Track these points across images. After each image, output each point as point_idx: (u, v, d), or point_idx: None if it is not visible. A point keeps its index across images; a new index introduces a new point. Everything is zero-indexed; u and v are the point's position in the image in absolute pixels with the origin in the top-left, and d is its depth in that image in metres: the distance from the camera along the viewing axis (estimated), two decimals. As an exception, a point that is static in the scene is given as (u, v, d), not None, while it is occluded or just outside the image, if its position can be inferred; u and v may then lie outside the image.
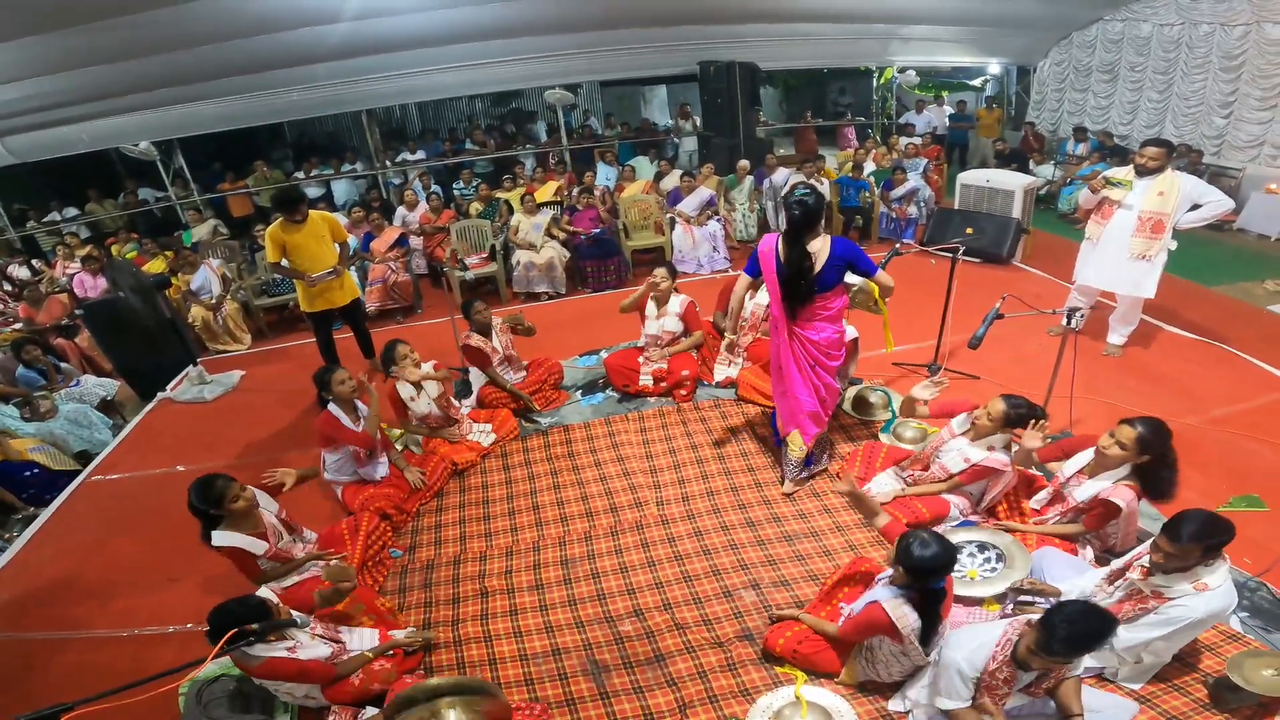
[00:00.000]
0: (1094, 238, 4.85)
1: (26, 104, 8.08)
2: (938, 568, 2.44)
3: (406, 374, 4.25)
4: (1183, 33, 8.93)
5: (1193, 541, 2.37)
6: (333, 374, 3.88)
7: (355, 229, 7.79)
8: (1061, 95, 11.14)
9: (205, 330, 6.90)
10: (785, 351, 3.69)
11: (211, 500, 3.02)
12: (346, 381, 3.89)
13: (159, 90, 8.62)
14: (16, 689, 3.14)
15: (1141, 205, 4.57)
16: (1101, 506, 3.03)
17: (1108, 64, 10.16)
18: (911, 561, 2.43)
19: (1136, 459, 2.95)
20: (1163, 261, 4.68)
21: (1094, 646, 2.16)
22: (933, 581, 2.48)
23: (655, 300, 4.90)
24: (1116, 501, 2.95)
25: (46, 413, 5.45)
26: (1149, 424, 2.94)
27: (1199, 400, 4.49)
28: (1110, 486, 2.99)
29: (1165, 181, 4.51)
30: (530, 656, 3.05)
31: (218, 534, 3.06)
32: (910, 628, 2.48)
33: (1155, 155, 4.52)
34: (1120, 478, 2.99)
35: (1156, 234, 4.57)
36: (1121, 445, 2.95)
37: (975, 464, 3.37)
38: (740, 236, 8.42)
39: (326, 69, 9.03)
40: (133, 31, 7.00)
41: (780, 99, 16.31)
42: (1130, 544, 3.10)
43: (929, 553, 2.41)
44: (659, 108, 15.47)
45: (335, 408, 3.89)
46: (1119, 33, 9.85)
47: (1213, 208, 4.55)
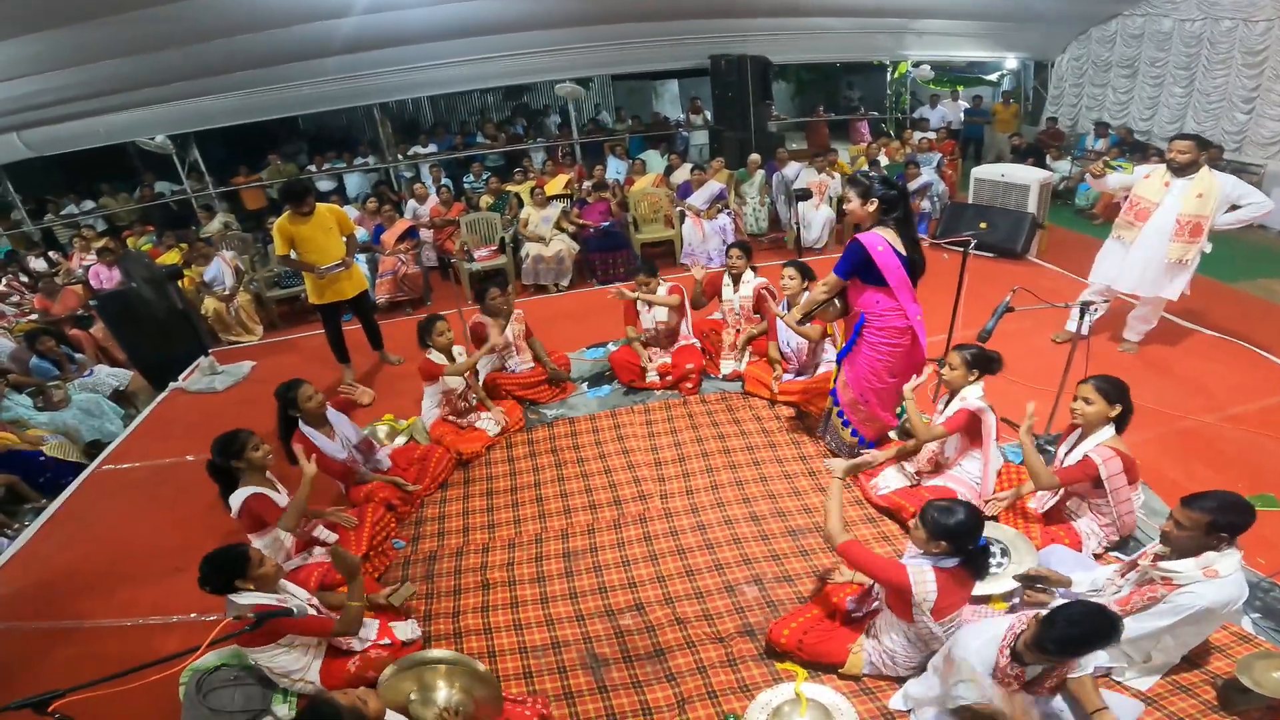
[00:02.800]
0: (1126, 239, 4.66)
1: (43, 98, 8.16)
2: (971, 527, 2.45)
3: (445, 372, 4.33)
4: (1204, 28, 8.76)
5: (1204, 512, 2.37)
6: (298, 390, 3.56)
7: (367, 221, 7.83)
8: (1080, 90, 10.98)
9: (218, 321, 6.95)
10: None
11: (233, 450, 3.12)
12: (314, 396, 3.59)
13: (174, 84, 8.69)
14: (19, 678, 3.18)
15: (1180, 208, 4.38)
16: (1084, 462, 3.02)
17: (1128, 59, 9.99)
18: (945, 529, 2.43)
19: (1107, 410, 2.99)
20: (1196, 264, 4.54)
21: (1087, 650, 2.12)
22: (972, 542, 2.48)
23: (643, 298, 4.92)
24: (1093, 458, 2.96)
25: (60, 402, 5.51)
26: (1102, 377, 3.06)
27: (1216, 398, 4.41)
28: (1092, 446, 3.02)
29: (1204, 182, 4.33)
30: (530, 649, 3.04)
31: (239, 491, 3.13)
32: (927, 598, 2.46)
33: (1185, 149, 4.35)
34: (1104, 440, 3.01)
35: (1195, 238, 4.40)
36: (1087, 400, 3.02)
37: (957, 410, 3.39)
38: (750, 230, 8.37)
39: (338, 63, 9.06)
40: (147, 26, 7.05)
41: (793, 93, 16.20)
42: (1127, 519, 3.10)
43: (955, 518, 2.43)
44: (670, 102, 15.40)
45: (307, 428, 3.61)
46: (1139, 28, 9.69)
47: (1253, 209, 4.40)
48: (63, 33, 6.92)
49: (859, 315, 3.63)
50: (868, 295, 3.56)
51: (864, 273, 3.50)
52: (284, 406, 3.58)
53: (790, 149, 9.12)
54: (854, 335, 3.67)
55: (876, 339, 3.60)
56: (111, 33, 7.04)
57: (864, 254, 3.43)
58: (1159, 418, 4.11)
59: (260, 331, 7.13)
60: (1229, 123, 8.68)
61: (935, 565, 2.49)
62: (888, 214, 3.47)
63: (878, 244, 3.41)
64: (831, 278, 3.62)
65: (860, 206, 3.52)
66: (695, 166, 8.34)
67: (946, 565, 2.49)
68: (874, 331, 3.59)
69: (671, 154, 9.77)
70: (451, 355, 4.40)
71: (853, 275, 3.55)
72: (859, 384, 3.74)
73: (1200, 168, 4.39)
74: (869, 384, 3.72)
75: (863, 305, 3.59)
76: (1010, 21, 10.64)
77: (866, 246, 3.41)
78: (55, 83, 7.88)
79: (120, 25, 6.94)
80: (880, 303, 3.53)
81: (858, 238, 3.47)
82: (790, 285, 4.47)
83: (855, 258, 3.47)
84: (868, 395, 3.76)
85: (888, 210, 3.47)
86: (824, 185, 7.87)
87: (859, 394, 3.78)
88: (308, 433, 3.60)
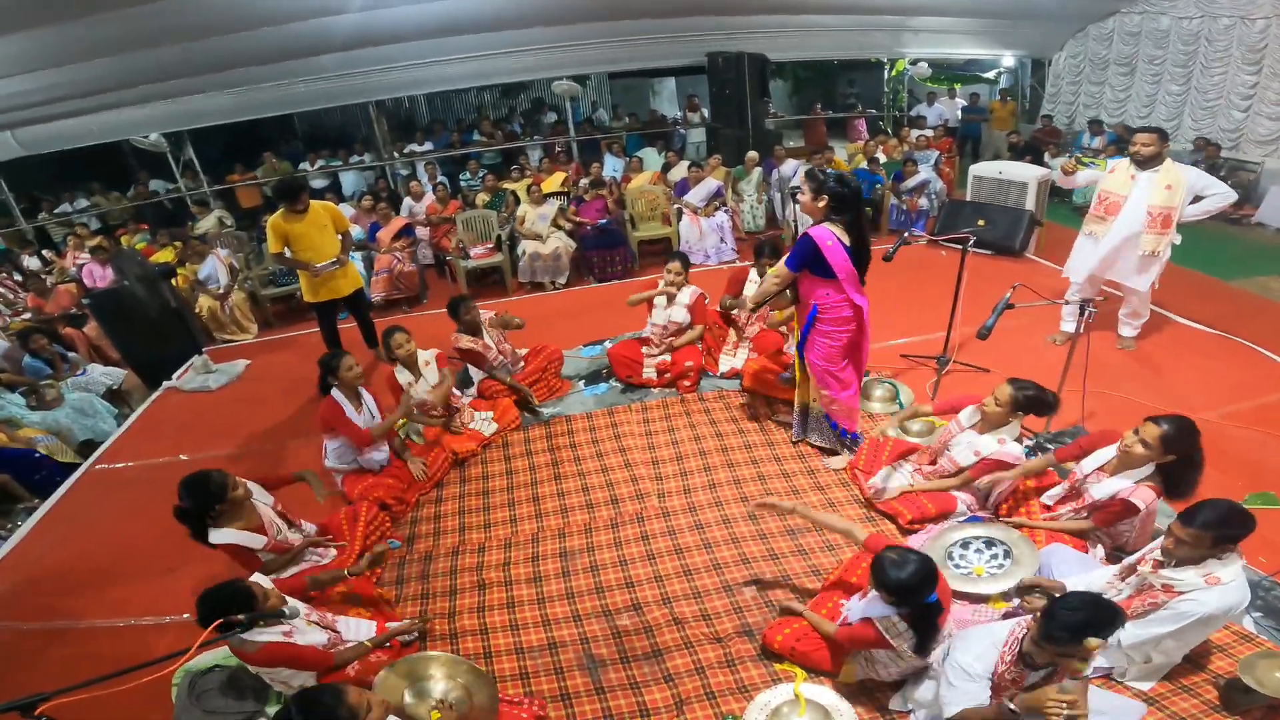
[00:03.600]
0: (1097, 234, 4.72)
1: (36, 96, 8.09)
2: (919, 585, 2.34)
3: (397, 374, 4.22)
4: (1202, 26, 8.77)
5: (1205, 529, 2.32)
6: (340, 360, 3.82)
7: (363, 219, 7.78)
8: (1077, 88, 10.98)
9: (212, 320, 6.91)
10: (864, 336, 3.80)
11: (213, 494, 2.97)
12: (354, 368, 3.85)
13: (169, 82, 8.63)
14: (11, 678, 3.14)
15: (1150, 200, 4.46)
16: (1119, 505, 2.90)
17: (1125, 57, 9.99)
18: (890, 584, 2.33)
19: (1161, 458, 2.81)
20: (1167, 256, 4.60)
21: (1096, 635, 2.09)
22: (921, 597, 2.37)
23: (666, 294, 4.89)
24: (1136, 503, 2.83)
25: (52, 401, 5.46)
26: (1175, 422, 2.78)
27: (1215, 395, 4.39)
28: (1131, 486, 2.86)
29: (1170, 174, 4.42)
30: (526, 650, 3.01)
31: (216, 532, 3.02)
32: (905, 643, 2.42)
33: (1148, 141, 4.42)
34: (1142, 477, 2.87)
35: (1166, 229, 4.48)
36: (1145, 444, 2.80)
37: (986, 457, 3.30)
38: (748, 228, 8.35)
39: (335, 60, 9.02)
40: (142, 23, 6.99)
41: (790, 91, 16.18)
42: (1144, 544, 2.99)
43: (905, 572, 2.31)
44: (667, 99, 15.38)
45: (339, 394, 3.84)
46: (1136, 25, 9.68)
47: (1216, 200, 4.48)
48: (56, 30, 6.87)
49: (811, 306, 3.70)
50: (819, 289, 3.65)
51: (814, 265, 3.58)
52: (325, 373, 3.83)
53: (788, 146, 9.09)
54: (808, 325, 3.74)
55: (828, 327, 3.70)
56: (105, 30, 6.99)
57: (814, 247, 3.51)
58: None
59: (255, 330, 7.09)
60: (1226, 120, 8.68)
61: (898, 614, 2.42)
62: (837, 211, 3.54)
63: (827, 238, 3.50)
64: (783, 269, 3.69)
65: (811, 200, 3.59)
66: (692, 164, 8.31)
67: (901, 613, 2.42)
68: (825, 321, 3.69)
69: (669, 151, 9.75)
70: (416, 367, 4.25)
71: (803, 268, 3.62)
72: (818, 371, 3.83)
73: (1164, 160, 4.46)
74: (827, 369, 3.80)
75: (814, 297, 3.68)
76: (1008, 19, 10.63)
77: (816, 240, 3.50)
78: (49, 80, 7.83)
79: (114, 22, 6.89)
80: (830, 294, 3.62)
81: (808, 232, 3.54)
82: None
83: (806, 251, 3.55)
84: (828, 381, 3.84)
85: (838, 208, 3.53)
86: (821, 183, 7.83)
87: (820, 381, 3.86)
88: (338, 398, 3.83)
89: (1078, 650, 2.07)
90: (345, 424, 3.82)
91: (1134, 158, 4.50)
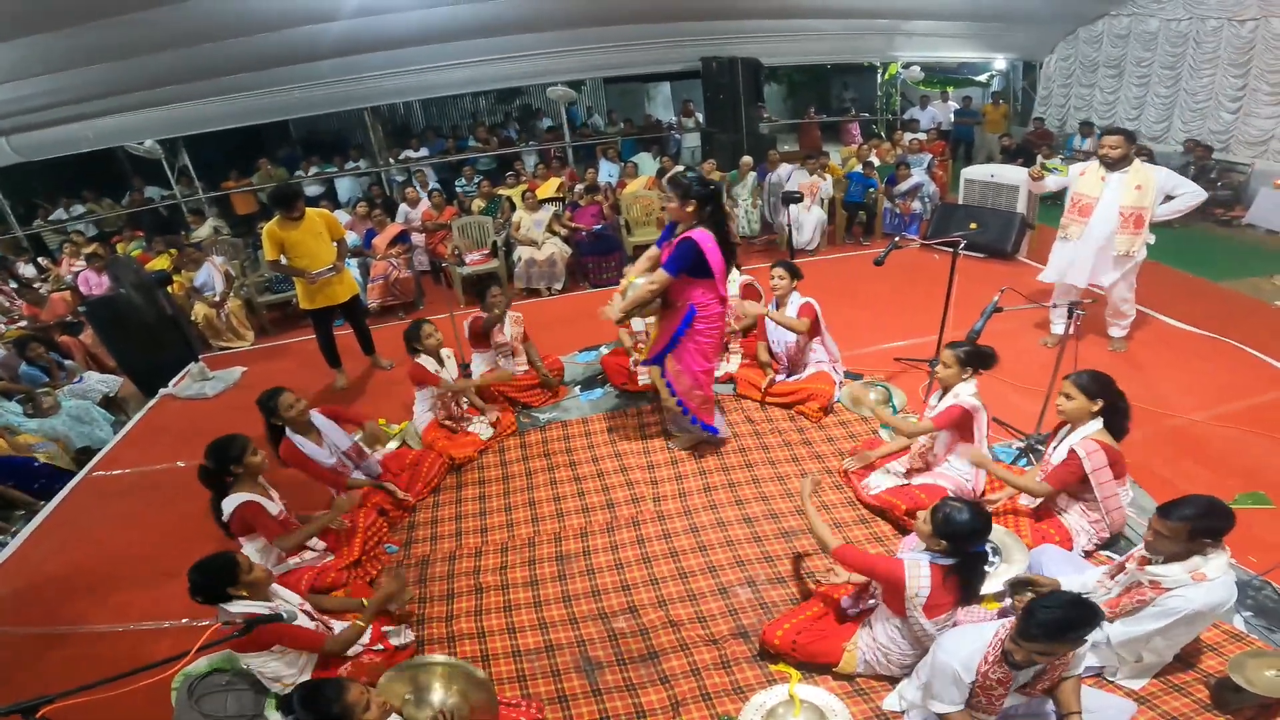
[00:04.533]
0: (1073, 236, 4.81)
1: (30, 102, 8.10)
2: (975, 530, 2.48)
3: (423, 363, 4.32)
4: (1190, 28, 8.84)
5: (1183, 522, 2.36)
6: (279, 399, 3.58)
7: (358, 225, 7.80)
8: (1068, 91, 11.05)
9: (208, 327, 6.91)
10: None
11: (233, 455, 3.10)
12: (295, 405, 3.61)
13: (163, 88, 8.63)
14: (11, 682, 3.15)
15: (1121, 200, 4.54)
16: (1069, 457, 3.05)
17: (1114, 59, 10.06)
18: (952, 528, 2.46)
19: (1090, 406, 3.03)
20: (1142, 256, 4.68)
21: (1072, 635, 2.12)
22: (973, 545, 2.52)
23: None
24: (1077, 450, 3.00)
25: (49, 409, 5.47)
26: (1084, 373, 3.10)
27: (1206, 396, 4.44)
28: (1077, 439, 3.05)
29: (1140, 175, 4.50)
30: (523, 653, 3.03)
31: (231, 497, 3.10)
32: (920, 591, 2.48)
33: (1115, 144, 4.51)
34: (1088, 434, 3.03)
35: (1138, 229, 4.56)
36: (1068, 395, 3.08)
37: (947, 406, 3.42)
38: (743, 232, 8.38)
39: (330, 66, 9.03)
40: (135, 29, 7.01)
41: (784, 95, 16.25)
42: (1115, 515, 3.11)
43: (965, 518, 2.46)
44: (662, 104, 15.43)
45: (294, 435, 3.64)
46: (1125, 28, 9.76)
47: (1187, 199, 4.56)
48: (51, 37, 6.88)
49: (686, 308, 3.71)
50: (695, 290, 3.68)
51: (694, 269, 3.60)
52: (267, 415, 3.62)
53: (782, 151, 9.12)
54: (682, 327, 3.74)
55: (703, 326, 3.76)
56: (100, 36, 7.00)
57: (698, 250, 3.54)
58: (1149, 416, 4.12)
59: (251, 337, 7.09)
60: (1215, 122, 8.75)
61: (932, 561, 2.52)
62: (701, 211, 3.58)
63: (707, 241, 3.54)
64: (662, 274, 3.64)
65: (680, 206, 3.59)
66: (688, 169, 8.34)
67: (943, 563, 2.51)
68: (701, 320, 3.73)
69: (664, 156, 9.78)
70: (440, 358, 4.41)
71: (684, 272, 3.62)
72: (691, 372, 3.87)
73: (1132, 161, 4.55)
74: (699, 367, 3.85)
75: (688, 299, 3.70)
76: (999, 22, 10.70)
77: (700, 244, 3.53)
78: (43, 87, 7.83)
79: (109, 29, 6.90)
80: (704, 294, 3.68)
81: (690, 236, 3.54)
82: (780, 285, 4.52)
83: (690, 255, 3.56)
84: (699, 378, 3.89)
85: (702, 207, 3.58)
86: (815, 187, 7.88)
87: (693, 380, 3.90)
88: (295, 440, 3.63)
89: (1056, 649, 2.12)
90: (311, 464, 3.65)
91: (1103, 160, 4.58)
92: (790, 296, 4.50)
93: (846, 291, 6.38)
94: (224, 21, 7.36)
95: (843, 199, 8.25)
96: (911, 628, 2.55)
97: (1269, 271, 6.38)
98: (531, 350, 4.96)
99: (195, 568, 2.50)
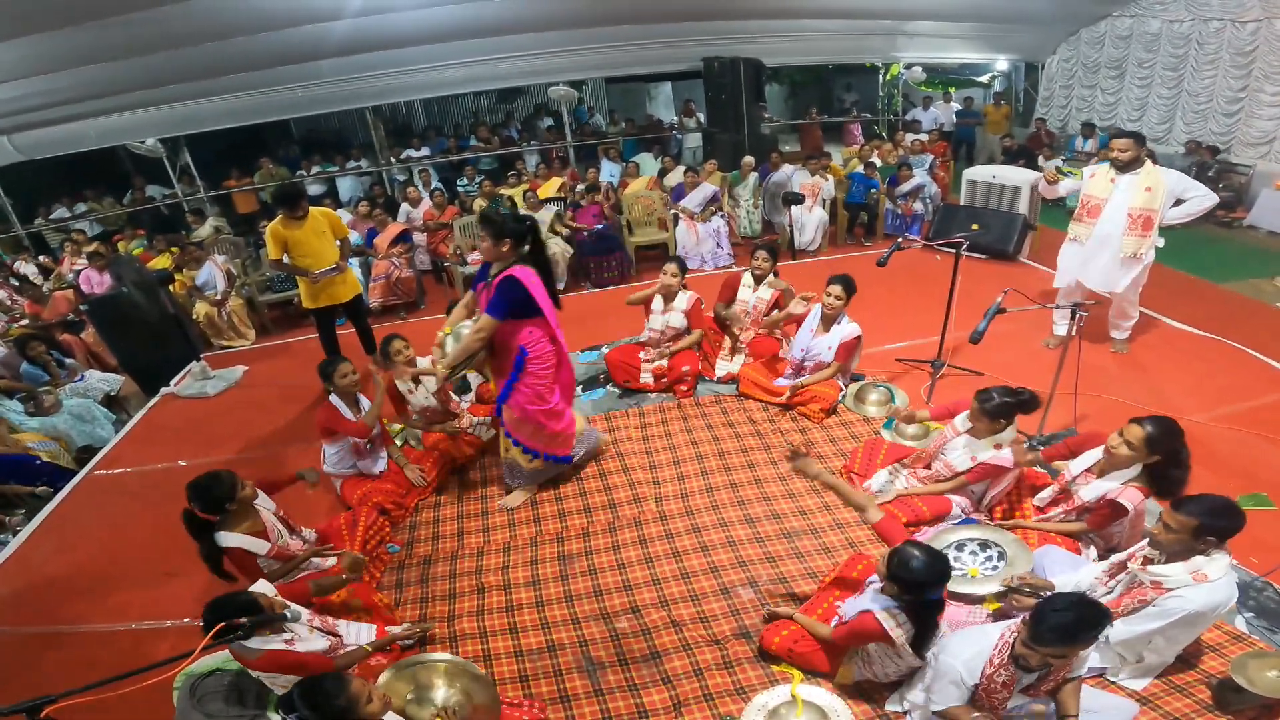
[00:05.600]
0: (1082, 238, 4.77)
1: (32, 101, 8.11)
2: (932, 580, 2.39)
3: (397, 374, 4.21)
4: (1192, 29, 8.84)
5: (1192, 516, 2.36)
6: (335, 367, 3.89)
7: (360, 224, 7.81)
8: (1070, 92, 11.05)
9: (210, 326, 6.92)
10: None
11: (224, 494, 2.97)
12: (349, 375, 3.89)
13: (165, 87, 8.64)
14: (13, 682, 3.14)
15: (1131, 202, 4.50)
16: (1108, 507, 2.95)
17: (1116, 60, 10.07)
18: (906, 575, 2.38)
19: (1146, 459, 2.87)
20: (1152, 259, 4.64)
21: (1084, 636, 2.12)
22: (928, 594, 2.43)
23: (663, 295, 4.89)
24: (1124, 504, 2.88)
25: (51, 408, 5.48)
26: (1158, 423, 2.84)
27: (1207, 397, 4.43)
28: (1118, 488, 2.92)
29: (1150, 177, 4.47)
30: (525, 653, 3.03)
31: (223, 535, 3.01)
32: (903, 637, 2.45)
33: (1125, 147, 4.47)
34: (1129, 478, 2.92)
35: (1146, 231, 4.52)
36: (1130, 445, 2.86)
37: (982, 462, 3.33)
38: (744, 233, 8.39)
39: (332, 65, 9.04)
40: (138, 28, 7.02)
41: (786, 95, 16.24)
42: (1134, 544, 3.03)
43: (921, 565, 2.37)
44: (663, 104, 15.41)
45: (336, 399, 3.90)
46: (1128, 29, 9.77)
47: (1197, 202, 4.53)
48: (53, 35, 6.89)
49: (516, 351, 3.52)
50: (523, 330, 3.49)
51: (520, 308, 3.42)
52: (324, 380, 3.91)
53: (784, 151, 9.12)
54: (514, 374, 3.56)
55: (535, 368, 3.56)
56: (102, 35, 7.01)
57: (523, 290, 3.35)
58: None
59: (253, 336, 7.10)
60: (1217, 124, 8.76)
61: (898, 605, 2.47)
62: (519, 248, 3.41)
63: (530, 277, 3.37)
64: (487, 319, 3.41)
65: (494, 245, 3.38)
66: (689, 169, 8.36)
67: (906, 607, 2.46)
68: (533, 362, 3.54)
69: (665, 156, 9.79)
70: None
71: (510, 314, 3.42)
72: (530, 417, 3.68)
73: (1144, 163, 4.51)
74: (536, 408, 3.66)
75: (520, 341, 3.50)
76: (1001, 23, 10.70)
77: (524, 282, 3.34)
78: (45, 85, 7.84)
79: (111, 28, 6.91)
80: (534, 334, 3.50)
81: (513, 274, 3.34)
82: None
83: (515, 295, 3.36)
84: (539, 419, 3.70)
85: (518, 244, 3.40)
86: (817, 188, 7.89)
87: (534, 425, 3.72)
88: (335, 402, 3.89)
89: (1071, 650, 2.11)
90: (343, 424, 3.86)
91: (1113, 163, 4.56)
92: (840, 317, 4.41)
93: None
94: (226, 20, 7.37)
95: (844, 200, 8.25)
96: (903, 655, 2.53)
97: (1270, 273, 6.38)
98: None
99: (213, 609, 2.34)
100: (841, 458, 4.07)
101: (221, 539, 3.00)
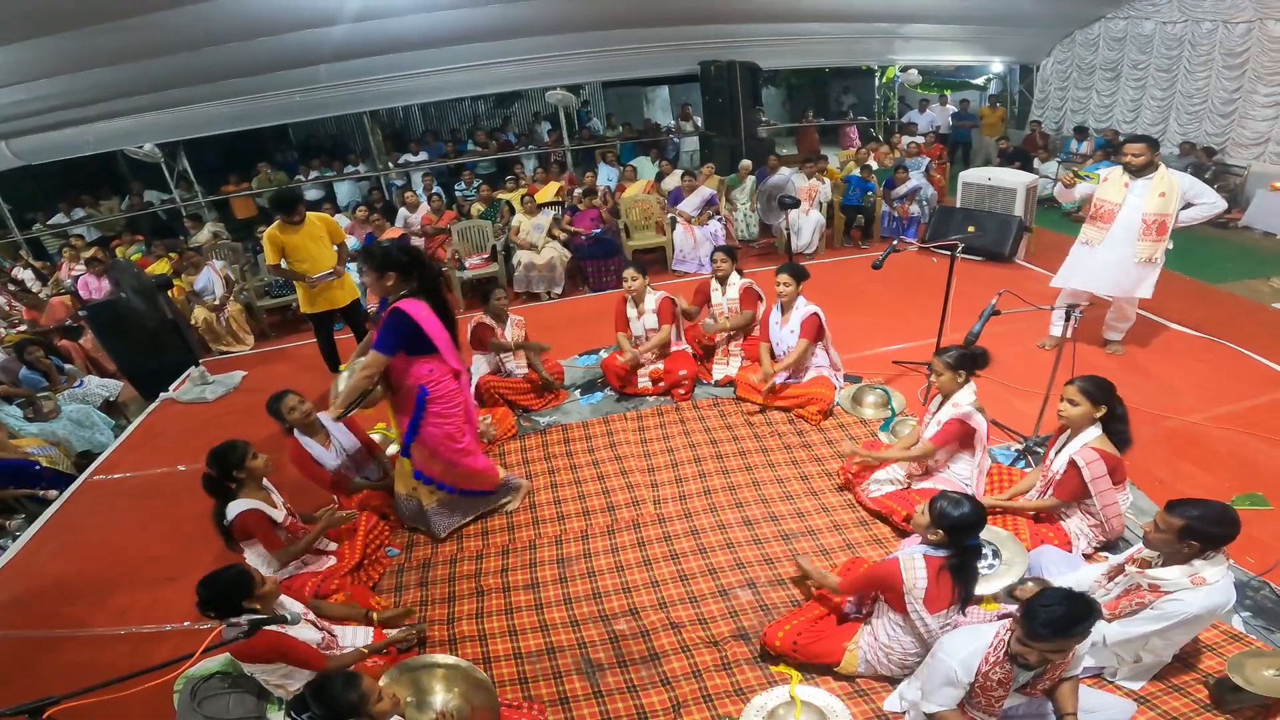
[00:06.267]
0: (1092, 241, 4.73)
1: (31, 106, 8.12)
2: (973, 523, 2.52)
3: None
4: (1185, 30, 8.89)
5: (1183, 518, 2.36)
6: (282, 401, 3.63)
7: (358, 229, 7.81)
8: (1065, 94, 11.11)
9: (208, 331, 6.92)
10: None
11: (234, 461, 3.09)
12: (298, 407, 3.65)
13: (163, 92, 8.66)
14: (13, 685, 3.15)
15: (1145, 207, 4.47)
16: (1071, 468, 3.06)
17: (1111, 62, 10.12)
18: (949, 520, 2.50)
19: (1092, 411, 3.03)
20: (1163, 262, 4.63)
21: (1078, 629, 2.13)
22: (968, 538, 2.55)
23: (632, 300, 4.91)
24: (1077, 460, 3.01)
25: (49, 413, 5.48)
26: (1088, 378, 3.08)
27: (1204, 398, 4.45)
28: (1077, 447, 3.06)
29: (1164, 182, 4.44)
30: (525, 655, 3.04)
31: (235, 503, 3.10)
32: (916, 584, 2.50)
33: (1139, 151, 4.46)
34: (1089, 441, 3.04)
35: (1161, 236, 4.50)
36: (1071, 401, 3.06)
37: (945, 422, 3.42)
38: (741, 236, 8.41)
39: (329, 70, 9.06)
40: (136, 34, 7.04)
41: (782, 99, 16.29)
42: (1114, 522, 3.12)
43: (962, 510, 2.50)
44: (661, 108, 15.45)
45: (299, 434, 3.70)
46: (1121, 31, 9.82)
47: (1207, 208, 4.53)
48: (51, 40, 6.91)
49: (416, 390, 3.35)
50: (419, 367, 3.32)
51: (411, 344, 3.27)
52: (275, 417, 3.70)
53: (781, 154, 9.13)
54: (417, 414, 3.38)
55: (440, 407, 3.40)
56: (100, 40, 7.03)
57: (411, 323, 3.19)
58: (1147, 418, 4.14)
59: (251, 341, 7.10)
60: (1212, 125, 8.80)
61: (926, 554, 2.55)
62: (407, 280, 3.27)
63: (420, 309, 3.22)
64: (375, 356, 3.22)
65: (378, 280, 3.24)
66: (686, 173, 8.38)
67: (938, 555, 2.55)
68: (435, 402, 3.37)
69: (662, 160, 9.81)
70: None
71: (399, 349, 3.26)
72: (442, 456, 3.53)
73: (1157, 168, 4.49)
74: (449, 449, 3.51)
75: (416, 379, 3.33)
76: (996, 26, 10.74)
77: (412, 315, 3.18)
78: (43, 91, 7.86)
79: (109, 33, 6.93)
80: (433, 371, 3.35)
81: (399, 307, 3.19)
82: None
83: (402, 329, 3.20)
84: (455, 456, 3.55)
85: (407, 276, 3.27)
86: (814, 191, 7.91)
87: (446, 462, 3.56)
88: (301, 440, 3.68)
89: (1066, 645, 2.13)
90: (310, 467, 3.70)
91: (1127, 167, 4.53)
92: (796, 302, 4.49)
93: (845, 295, 6.40)
94: (224, 26, 7.39)
95: (841, 202, 8.27)
96: (914, 624, 2.56)
97: (1265, 273, 6.42)
98: (534, 355, 4.96)
99: (206, 583, 2.41)
100: (840, 459, 4.08)
101: (233, 507, 3.09)
